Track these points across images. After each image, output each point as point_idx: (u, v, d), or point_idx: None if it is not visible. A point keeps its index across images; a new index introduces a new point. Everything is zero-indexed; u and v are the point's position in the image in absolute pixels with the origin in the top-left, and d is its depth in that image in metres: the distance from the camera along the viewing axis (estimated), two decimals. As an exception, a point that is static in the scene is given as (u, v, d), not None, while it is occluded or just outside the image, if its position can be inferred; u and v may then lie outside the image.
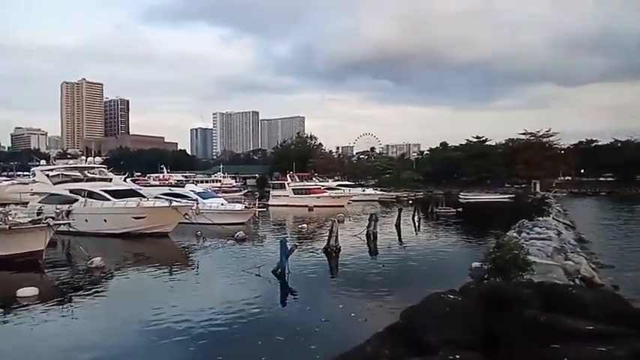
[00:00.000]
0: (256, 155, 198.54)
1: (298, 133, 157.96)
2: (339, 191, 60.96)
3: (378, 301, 13.83)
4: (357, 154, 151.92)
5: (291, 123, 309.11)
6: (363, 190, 70.12)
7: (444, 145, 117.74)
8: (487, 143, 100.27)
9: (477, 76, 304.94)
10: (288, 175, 63.40)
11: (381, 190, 76.91)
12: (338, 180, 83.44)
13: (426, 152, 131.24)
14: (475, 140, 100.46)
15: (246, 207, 35.93)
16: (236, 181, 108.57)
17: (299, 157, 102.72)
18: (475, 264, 14.35)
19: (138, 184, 51.23)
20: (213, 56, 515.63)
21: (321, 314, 12.53)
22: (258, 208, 37.09)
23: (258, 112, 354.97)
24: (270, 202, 53.39)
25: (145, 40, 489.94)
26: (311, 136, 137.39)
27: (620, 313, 3.32)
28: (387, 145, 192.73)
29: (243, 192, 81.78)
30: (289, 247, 17.37)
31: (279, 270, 16.61)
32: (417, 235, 31.07)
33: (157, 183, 71.76)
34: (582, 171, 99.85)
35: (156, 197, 30.39)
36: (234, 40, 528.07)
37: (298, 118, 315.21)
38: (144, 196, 29.62)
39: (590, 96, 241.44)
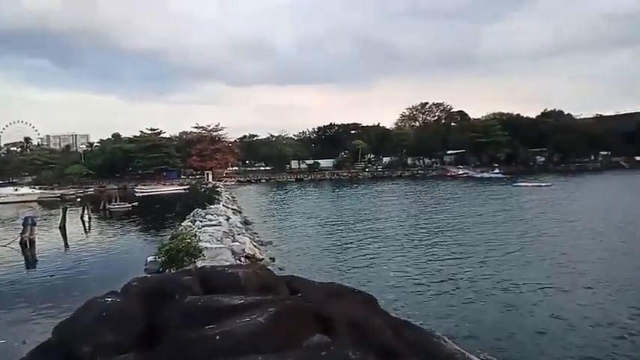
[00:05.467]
0: None
1: None
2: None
3: (38, 318, 12.00)
4: (5, 145, 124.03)
5: None
6: (16, 190, 58.44)
7: (116, 136, 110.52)
8: (162, 135, 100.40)
9: (153, 67, 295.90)
10: None
11: (41, 189, 65.99)
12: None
13: (96, 144, 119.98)
14: (150, 132, 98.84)
15: None
16: None
17: None
18: (150, 258, 14.24)
19: None
20: None
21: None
22: None
23: None
24: None
25: None
26: None
27: (265, 283, 3.92)
28: (48, 136, 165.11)
29: None
30: None
31: None
32: (88, 237, 28.61)
33: None
34: (247, 161, 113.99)
35: None
36: None
37: None
38: None
39: (253, 96, 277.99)
